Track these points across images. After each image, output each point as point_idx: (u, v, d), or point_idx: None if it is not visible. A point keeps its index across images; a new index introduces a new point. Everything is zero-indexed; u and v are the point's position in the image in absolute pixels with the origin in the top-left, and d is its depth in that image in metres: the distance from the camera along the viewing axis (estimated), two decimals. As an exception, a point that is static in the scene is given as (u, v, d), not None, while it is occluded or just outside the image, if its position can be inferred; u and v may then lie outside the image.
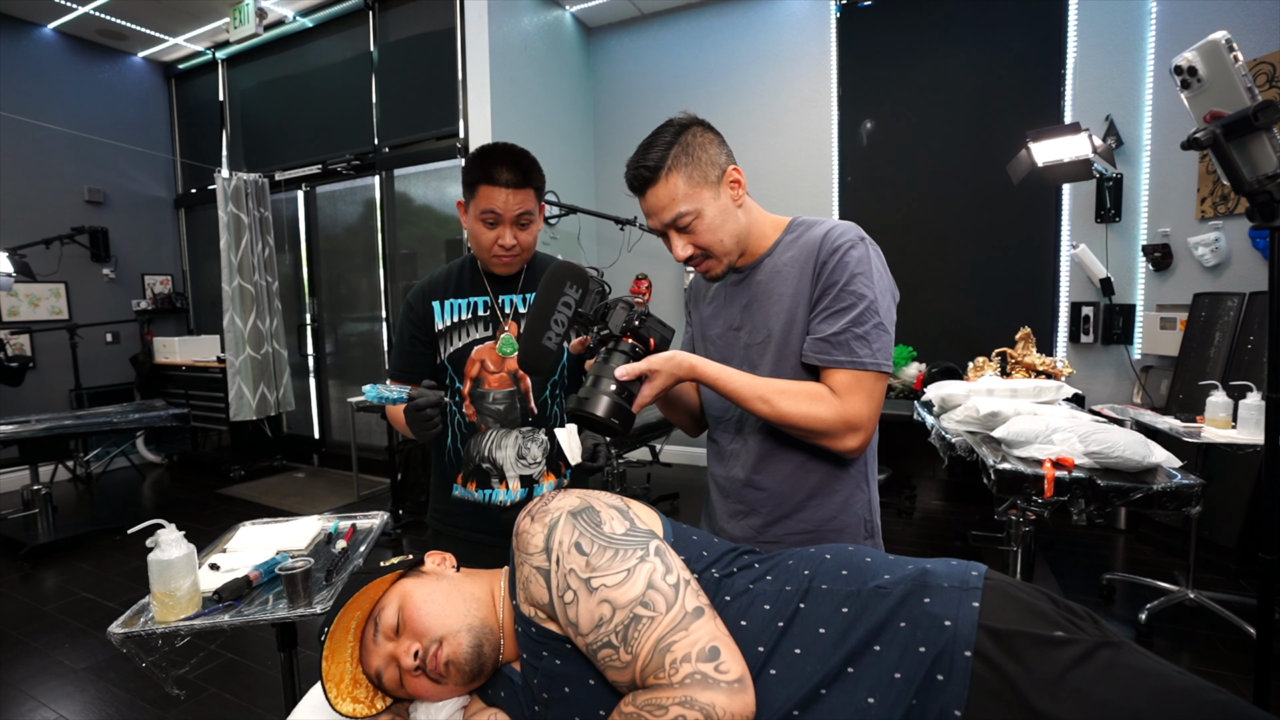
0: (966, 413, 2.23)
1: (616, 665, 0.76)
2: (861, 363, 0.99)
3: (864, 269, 1.01)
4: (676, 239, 1.06)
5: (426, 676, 0.87)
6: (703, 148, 1.03)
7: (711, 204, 1.04)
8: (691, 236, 1.05)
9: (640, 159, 1.04)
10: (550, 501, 0.89)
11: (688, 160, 1.02)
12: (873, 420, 1.02)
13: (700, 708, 0.69)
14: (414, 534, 3.68)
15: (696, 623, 0.75)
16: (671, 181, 1.02)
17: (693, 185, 1.02)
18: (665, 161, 1.01)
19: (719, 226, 1.05)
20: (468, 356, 1.40)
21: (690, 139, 1.03)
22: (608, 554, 0.81)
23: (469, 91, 4.04)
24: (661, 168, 1.02)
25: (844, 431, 1.00)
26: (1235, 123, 1.14)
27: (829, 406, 1.00)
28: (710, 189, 1.03)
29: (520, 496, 1.41)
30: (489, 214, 1.31)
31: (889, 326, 1.02)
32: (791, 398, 1.00)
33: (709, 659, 0.72)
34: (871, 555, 0.86)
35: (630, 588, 0.77)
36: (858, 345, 1.00)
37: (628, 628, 0.75)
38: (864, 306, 1.00)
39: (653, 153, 1.03)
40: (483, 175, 1.29)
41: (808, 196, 4.35)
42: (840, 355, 1.00)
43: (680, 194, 1.02)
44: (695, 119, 1.06)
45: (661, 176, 1.02)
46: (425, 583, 0.94)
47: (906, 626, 0.74)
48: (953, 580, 0.78)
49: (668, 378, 0.99)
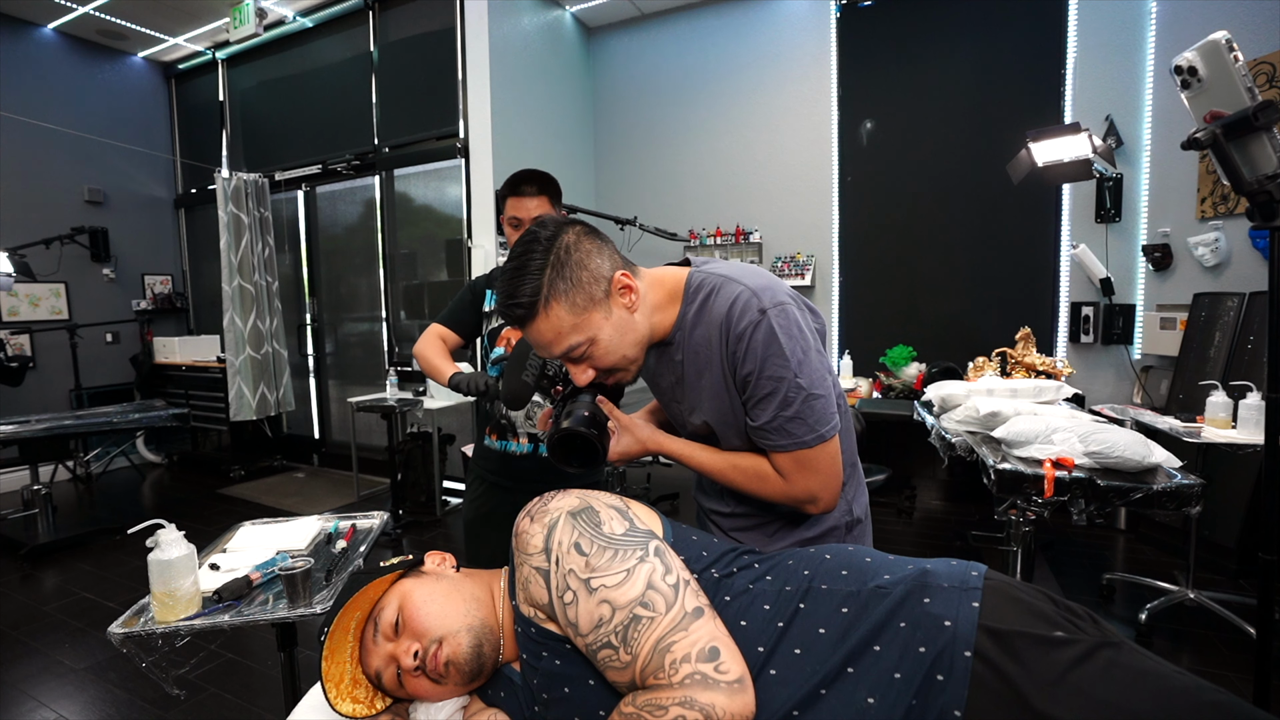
0: (966, 413, 2.23)
1: (616, 666, 0.76)
2: (803, 442, 0.96)
3: (772, 349, 0.93)
4: (574, 369, 0.97)
5: (426, 677, 0.87)
6: (580, 265, 0.91)
7: (604, 326, 0.93)
8: (590, 362, 0.96)
9: (511, 292, 0.90)
10: (549, 502, 0.89)
11: (566, 285, 0.89)
12: (828, 485, 0.99)
13: (700, 708, 0.69)
14: (414, 534, 3.69)
15: (696, 623, 0.75)
16: (554, 314, 0.90)
17: (578, 312, 0.90)
18: (540, 292, 0.89)
19: (618, 344, 0.95)
20: (499, 334, 1.78)
21: (564, 256, 0.90)
22: (607, 554, 0.80)
23: (469, 91, 4.04)
24: (537, 301, 0.89)
25: (799, 505, 1.00)
26: (1235, 123, 1.14)
27: (776, 487, 0.99)
28: (600, 309, 0.92)
29: (528, 450, 1.74)
30: (512, 219, 1.70)
31: (820, 388, 0.96)
32: (742, 475, 1.01)
33: (709, 659, 0.72)
34: (871, 555, 0.86)
35: (630, 588, 0.77)
36: (793, 427, 0.95)
37: (627, 628, 0.75)
38: (785, 390, 0.94)
39: (524, 285, 0.89)
40: (508, 189, 1.71)
41: (808, 196, 4.35)
42: (779, 440, 0.96)
43: (566, 326, 0.91)
44: (561, 227, 0.93)
45: (540, 311, 0.90)
46: (425, 583, 0.94)
47: (906, 627, 0.74)
48: (952, 580, 0.77)
49: (635, 443, 1.03)
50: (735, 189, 4.59)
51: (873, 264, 4.20)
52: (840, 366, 4.18)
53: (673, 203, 4.80)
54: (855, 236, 4.25)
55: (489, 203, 4.01)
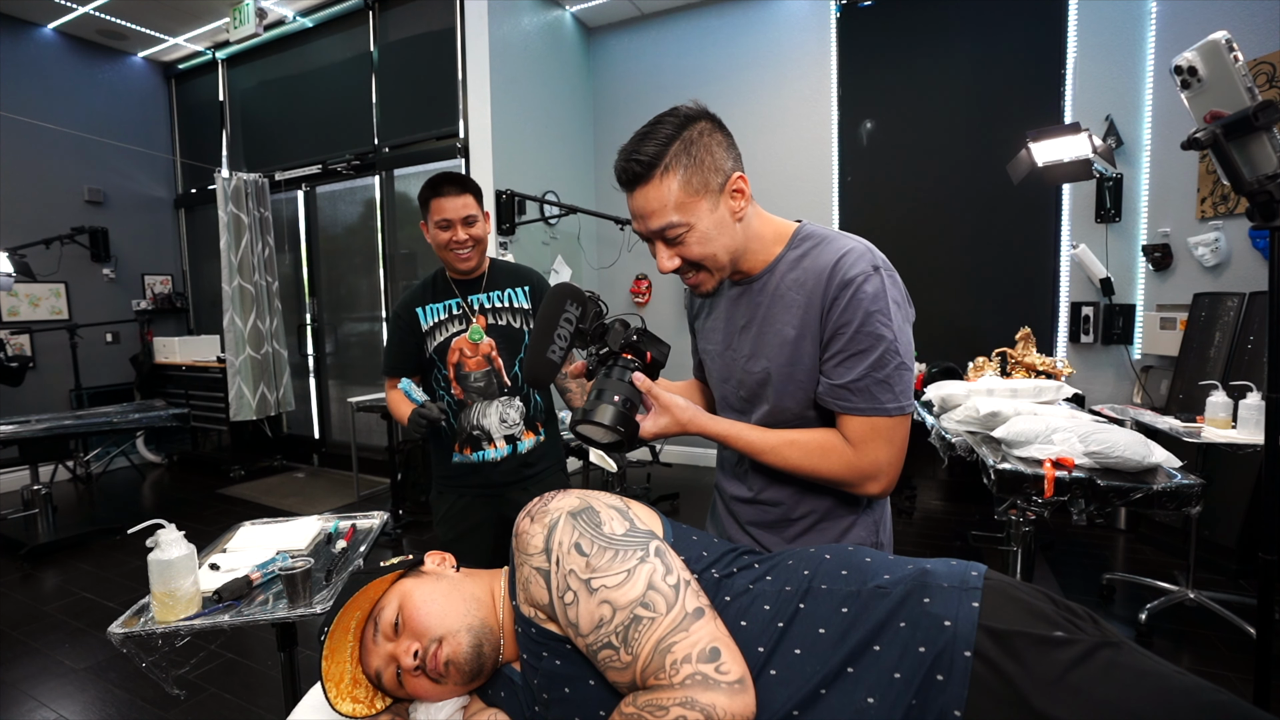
0: (966, 413, 2.23)
1: (617, 666, 0.76)
2: (884, 409, 0.92)
3: (880, 305, 0.91)
4: (662, 249, 0.95)
5: (426, 676, 0.87)
6: (708, 149, 0.90)
7: (707, 216, 0.91)
8: (680, 249, 0.94)
9: (634, 149, 0.89)
10: (550, 502, 0.89)
11: (688, 162, 0.89)
12: (895, 464, 0.95)
13: (701, 708, 0.69)
14: (414, 534, 3.68)
15: (697, 624, 0.75)
16: (665, 184, 0.89)
17: (689, 192, 0.89)
18: (662, 159, 0.88)
19: (712, 240, 0.93)
20: (449, 347, 1.72)
21: (695, 136, 0.90)
22: (608, 555, 0.80)
23: (469, 91, 4.04)
24: (656, 165, 0.88)
25: (861, 481, 0.95)
26: (1235, 123, 1.14)
27: (841, 459, 0.94)
28: (709, 199, 0.91)
29: (507, 453, 1.72)
30: (441, 221, 1.65)
31: (910, 362, 0.94)
32: (801, 450, 0.95)
33: (709, 660, 0.72)
34: (871, 555, 0.86)
35: (630, 589, 0.77)
36: (879, 391, 0.91)
37: (628, 628, 0.75)
38: (883, 349, 0.91)
39: (648, 145, 0.88)
40: (430, 193, 1.66)
41: (808, 196, 4.35)
42: (860, 403, 0.92)
43: (673, 201, 0.89)
44: (704, 112, 0.93)
45: (655, 175, 0.89)
46: (425, 583, 0.94)
47: (906, 627, 0.74)
48: (952, 580, 0.77)
49: (673, 424, 0.97)
50: (735, 189, 4.59)
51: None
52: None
53: (673, 203, 4.79)
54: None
55: (489, 203, 4.01)
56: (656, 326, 5.31)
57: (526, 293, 1.79)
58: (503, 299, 1.76)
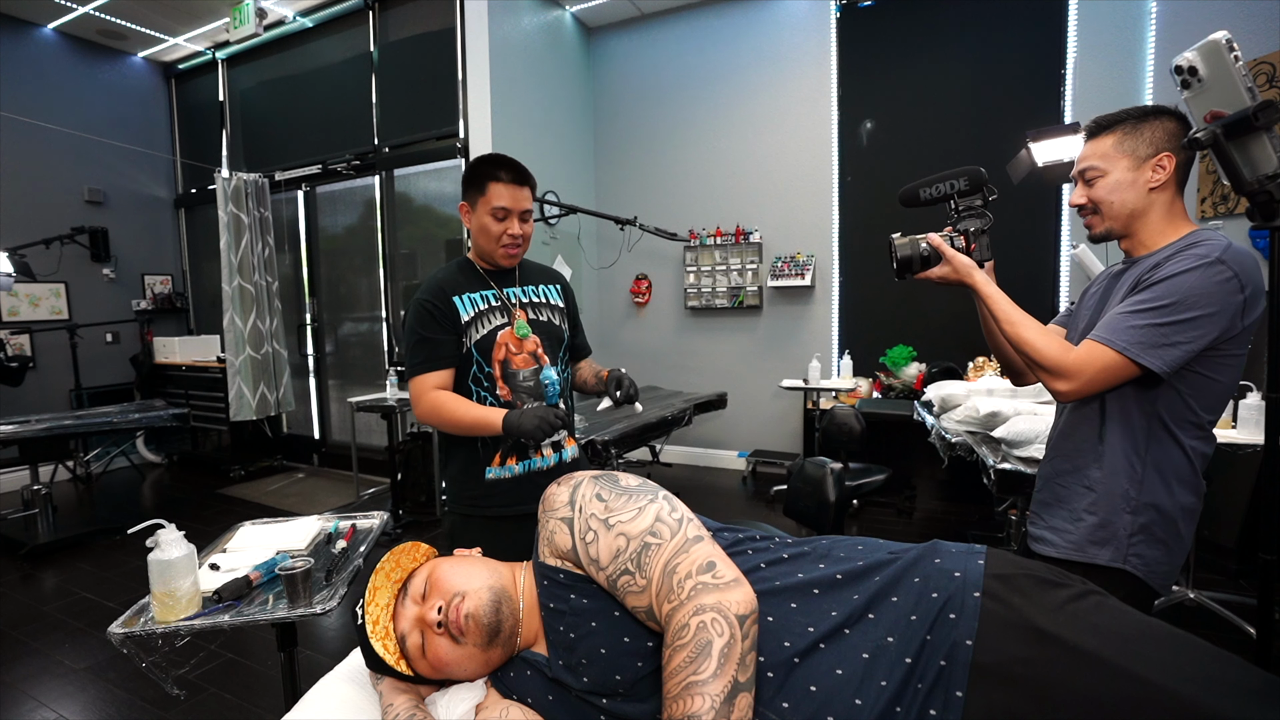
0: (966, 413, 2.23)
1: (635, 590, 0.87)
2: (1111, 341, 1.05)
3: (1194, 275, 1.04)
4: (1077, 188, 1.20)
5: (448, 633, 0.93)
6: (1153, 129, 1.13)
7: (1121, 172, 1.15)
8: (1088, 190, 1.18)
9: (1105, 115, 1.19)
10: (573, 474, 1.04)
11: (1128, 129, 1.14)
12: (1090, 384, 1.07)
13: (710, 608, 0.79)
14: (414, 534, 3.68)
15: (696, 546, 0.86)
16: (1104, 141, 1.16)
17: (1116, 147, 1.15)
18: (1114, 125, 1.16)
19: (1115, 190, 1.15)
20: (494, 342, 1.52)
21: (1150, 121, 1.14)
22: (623, 499, 0.94)
23: (469, 91, 4.04)
24: (1108, 127, 1.16)
25: (1057, 373, 1.10)
26: (1235, 123, 1.13)
27: (1057, 348, 1.10)
28: (1130, 159, 1.14)
29: (555, 461, 1.58)
30: (499, 209, 1.47)
31: (1186, 339, 1.03)
32: (1031, 327, 1.14)
33: (706, 570, 0.83)
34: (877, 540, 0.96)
35: (641, 520, 0.90)
36: (1124, 329, 1.05)
37: (640, 554, 0.87)
38: (1160, 301, 1.04)
39: (1113, 115, 1.17)
40: (491, 174, 1.47)
41: (808, 196, 4.35)
42: (1103, 332, 1.07)
43: (1100, 151, 1.16)
44: (1172, 113, 1.15)
45: (1103, 133, 1.17)
46: (452, 559, 1.05)
47: (920, 580, 0.85)
48: (959, 548, 0.90)
49: (953, 273, 1.22)
50: (735, 189, 4.59)
51: (873, 264, 4.20)
52: (840, 366, 4.18)
53: (673, 203, 4.80)
54: (855, 236, 4.25)
55: (489, 203, 4.01)
56: (656, 326, 5.30)
57: (559, 291, 1.66)
58: (539, 294, 1.61)
